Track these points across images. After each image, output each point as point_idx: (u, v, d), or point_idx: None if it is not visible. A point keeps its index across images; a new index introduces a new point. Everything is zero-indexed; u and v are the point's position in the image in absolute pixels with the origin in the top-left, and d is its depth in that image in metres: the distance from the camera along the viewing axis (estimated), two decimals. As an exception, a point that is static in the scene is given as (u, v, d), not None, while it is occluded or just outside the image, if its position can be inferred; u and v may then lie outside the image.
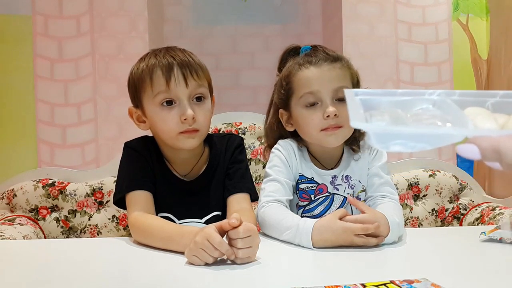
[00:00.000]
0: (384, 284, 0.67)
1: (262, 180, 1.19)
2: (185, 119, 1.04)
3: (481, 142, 0.46)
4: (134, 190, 1.07)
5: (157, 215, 1.09)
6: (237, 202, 1.11)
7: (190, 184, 1.13)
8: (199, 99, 1.08)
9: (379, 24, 2.19)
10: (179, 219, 1.11)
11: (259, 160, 1.66)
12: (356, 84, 1.17)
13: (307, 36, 2.59)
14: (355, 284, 0.66)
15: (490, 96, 0.53)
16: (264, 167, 1.56)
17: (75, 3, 2.03)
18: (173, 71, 1.05)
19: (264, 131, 1.28)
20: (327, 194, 1.16)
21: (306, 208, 1.17)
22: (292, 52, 1.23)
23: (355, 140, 1.18)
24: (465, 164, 2.31)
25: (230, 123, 1.68)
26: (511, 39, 2.15)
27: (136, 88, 1.09)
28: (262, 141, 1.67)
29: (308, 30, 2.62)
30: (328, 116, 1.09)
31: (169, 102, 1.06)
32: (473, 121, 0.46)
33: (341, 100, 1.12)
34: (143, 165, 1.10)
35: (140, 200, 1.06)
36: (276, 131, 1.23)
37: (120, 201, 1.10)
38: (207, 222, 1.11)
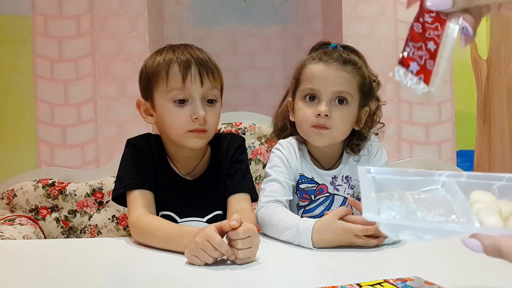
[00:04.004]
0: (379, 283, 0.67)
1: (262, 180, 1.19)
2: (196, 118, 1.04)
3: (484, 239, 0.48)
4: (135, 189, 1.07)
5: (158, 213, 1.09)
6: (237, 202, 1.11)
7: (192, 183, 1.13)
8: (210, 101, 1.09)
9: (379, 24, 2.19)
10: (180, 218, 1.11)
11: (259, 160, 1.66)
12: (367, 93, 1.16)
13: (307, 36, 2.58)
14: (351, 284, 0.67)
15: (496, 179, 0.55)
16: (264, 167, 1.56)
17: (75, 3, 2.03)
18: (190, 68, 1.05)
19: (274, 116, 1.27)
20: (327, 194, 1.16)
21: (306, 208, 1.17)
22: (321, 47, 1.23)
23: (353, 145, 1.18)
24: (465, 164, 2.31)
25: (230, 123, 1.68)
26: (511, 39, 2.15)
27: (149, 80, 1.09)
28: (262, 141, 1.68)
29: (308, 30, 2.61)
30: (319, 115, 1.09)
31: (182, 100, 1.06)
32: (477, 214, 0.49)
33: (340, 103, 1.11)
34: (145, 163, 1.10)
35: (141, 200, 1.05)
36: (284, 118, 1.23)
37: (118, 198, 1.10)
38: (208, 221, 1.12)
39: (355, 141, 1.17)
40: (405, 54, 0.56)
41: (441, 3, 0.54)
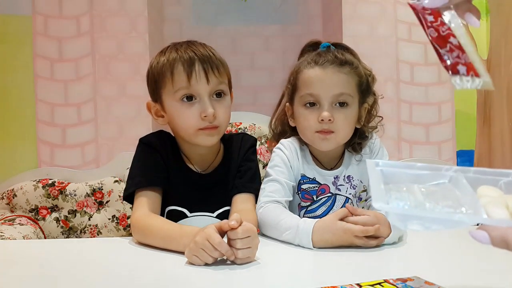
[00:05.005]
0: (379, 283, 0.67)
1: (262, 179, 1.19)
2: (205, 116, 1.04)
3: (491, 230, 0.50)
4: (144, 188, 1.06)
5: (167, 208, 1.10)
6: (242, 202, 1.11)
7: (205, 178, 1.13)
8: (219, 95, 1.08)
9: (379, 24, 2.19)
10: (190, 212, 1.11)
11: (259, 160, 1.66)
12: (365, 90, 1.16)
13: (307, 36, 2.57)
14: (351, 284, 0.67)
15: (503, 175, 0.57)
16: (264, 167, 1.56)
17: (75, 3, 2.03)
18: (194, 66, 1.05)
19: (270, 120, 1.27)
20: (329, 194, 1.16)
21: (308, 209, 1.16)
22: (312, 47, 1.22)
23: (355, 144, 1.17)
24: (465, 164, 2.31)
25: (230, 123, 1.68)
26: (511, 39, 2.15)
27: (156, 82, 1.09)
28: (262, 141, 1.68)
29: (308, 30, 2.61)
30: (322, 120, 1.09)
31: (189, 98, 1.06)
32: (484, 207, 0.50)
33: (342, 105, 1.11)
34: (156, 160, 1.09)
35: (146, 200, 1.05)
36: (283, 123, 1.23)
37: (129, 197, 1.10)
38: (218, 216, 1.12)
39: (357, 140, 1.17)
40: (448, 62, 0.57)
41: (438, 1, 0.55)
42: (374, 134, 1.21)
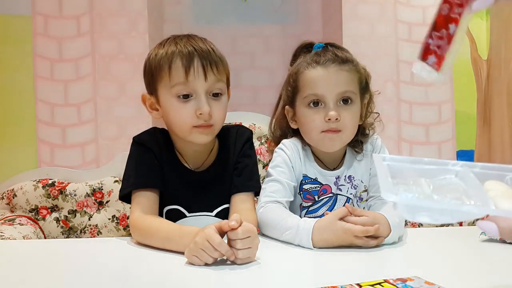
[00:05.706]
0: (379, 283, 0.67)
1: (263, 179, 1.18)
2: (200, 114, 1.03)
3: (499, 221, 0.51)
4: (140, 188, 1.06)
5: (165, 208, 1.09)
6: (241, 201, 1.10)
7: (200, 175, 1.12)
8: (216, 94, 1.07)
9: (379, 24, 2.19)
10: (189, 211, 1.11)
11: (259, 160, 1.66)
12: (365, 87, 1.16)
13: (307, 36, 2.56)
14: (351, 284, 0.67)
15: (509, 170, 0.57)
16: (264, 167, 1.56)
17: (75, 3, 2.02)
18: (193, 62, 1.03)
19: (269, 124, 1.27)
20: (330, 194, 1.16)
21: (309, 209, 1.16)
22: (305, 48, 1.22)
23: (357, 142, 1.17)
24: (465, 164, 2.30)
25: (230, 123, 1.68)
26: (511, 39, 2.15)
27: (153, 75, 1.07)
28: (262, 141, 1.68)
29: (308, 30, 2.61)
30: (329, 119, 1.09)
31: (186, 95, 1.04)
32: (493, 199, 0.50)
33: (345, 103, 1.11)
34: (150, 160, 1.08)
35: (144, 200, 1.05)
36: (283, 126, 1.23)
37: (125, 197, 1.09)
38: (217, 215, 1.11)
39: (359, 138, 1.17)
40: (426, 47, 0.58)
41: None
42: (375, 132, 1.21)
